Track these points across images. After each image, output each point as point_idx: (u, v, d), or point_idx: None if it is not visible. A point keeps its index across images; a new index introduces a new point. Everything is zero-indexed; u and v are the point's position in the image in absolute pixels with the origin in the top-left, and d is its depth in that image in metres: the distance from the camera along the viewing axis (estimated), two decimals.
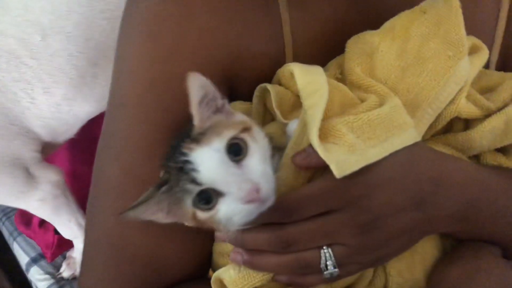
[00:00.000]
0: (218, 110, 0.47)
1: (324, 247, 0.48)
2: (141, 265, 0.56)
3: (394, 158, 0.48)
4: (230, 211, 0.44)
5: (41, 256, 1.07)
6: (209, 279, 0.56)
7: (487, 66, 0.64)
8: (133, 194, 0.55)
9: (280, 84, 0.58)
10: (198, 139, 0.45)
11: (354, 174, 0.46)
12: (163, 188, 0.45)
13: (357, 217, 0.47)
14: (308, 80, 0.52)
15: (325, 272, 0.48)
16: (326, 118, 0.51)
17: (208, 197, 0.44)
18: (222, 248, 0.58)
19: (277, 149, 0.53)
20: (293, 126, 0.52)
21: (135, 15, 0.59)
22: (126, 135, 0.57)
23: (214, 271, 0.57)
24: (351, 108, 0.53)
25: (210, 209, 0.45)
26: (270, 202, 0.45)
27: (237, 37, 0.59)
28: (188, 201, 0.45)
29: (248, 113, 0.59)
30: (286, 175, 0.50)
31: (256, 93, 0.58)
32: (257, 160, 0.45)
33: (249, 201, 0.43)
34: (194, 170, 0.43)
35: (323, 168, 0.49)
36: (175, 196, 0.45)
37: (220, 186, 0.44)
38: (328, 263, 0.48)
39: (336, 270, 0.48)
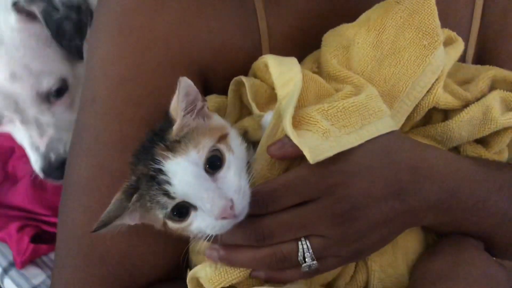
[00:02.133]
0: (197, 113, 0.46)
1: (302, 239, 0.46)
2: (112, 265, 0.55)
3: (371, 146, 0.47)
4: (203, 225, 0.44)
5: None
6: (186, 278, 0.54)
7: (463, 60, 0.65)
8: (104, 191, 0.54)
9: (256, 77, 0.58)
10: (173, 147, 0.43)
11: (330, 162, 0.45)
12: (134, 198, 0.44)
13: (334, 206, 0.46)
14: (282, 71, 0.51)
15: (303, 265, 0.47)
16: (301, 107, 0.50)
17: (181, 210, 0.44)
18: (199, 246, 0.56)
19: (252, 143, 0.52)
20: (268, 118, 0.51)
21: (107, 8, 0.58)
22: (97, 131, 0.56)
23: (191, 270, 0.56)
24: (326, 99, 0.52)
25: (182, 220, 0.44)
26: (243, 216, 0.44)
27: (211, 31, 0.58)
28: (159, 213, 0.44)
29: (223, 107, 0.58)
30: (261, 167, 0.49)
31: (231, 86, 0.57)
32: (233, 173, 0.45)
33: (223, 218, 0.43)
34: (167, 182, 0.42)
35: (299, 160, 0.48)
36: (145, 205, 0.45)
37: (193, 201, 0.43)
38: (306, 255, 0.46)
39: (315, 262, 0.47)
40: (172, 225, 0.45)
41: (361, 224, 0.47)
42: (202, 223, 0.44)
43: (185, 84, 0.44)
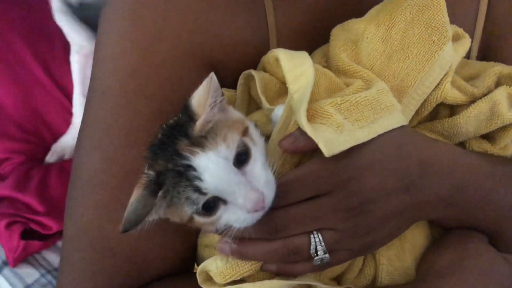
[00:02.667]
0: (219, 108, 0.45)
1: (314, 232, 0.47)
2: (121, 260, 0.54)
3: (382, 141, 0.47)
4: (233, 218, 0.44)
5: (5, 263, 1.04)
6: (195, 273, 0.53)
7: (468, 56, 0.65)
8: (114, 184, 0.54)
9: (265, 71, 0.58)
10: (200, 142, 0.43)
11: (342, 156, 0.45)
12: (160, 194, 0.43)
13: (347, 200, 0.46)
14: (294, 64, 0.51)
15: (315, 258, 0.47)
16: (312, 101, 0.50)
17: (211, 205, 0.43)
18: (208, 240, 0.56)
19: (263, 137, 0.52)
20: (278, 112, 0.51)
21: (117, 0, 0.57)
22: (107, 124, 0.55)
23: (199, 265, 0.55)
24: (337, 93, 0.52)
25: (211, 215, 0.44)
26: (270, 206, 0.44)
27: (220, 24, 0.58)
28: (189, 209, 0.44)
29: (232, 101, 0.58)
30: (273, 161, 0.49)
31: (241, 80, 0.57)
32: (260, 165, 0.45)
33: (255, 211, 0.43)
34: (198, 178, 0.42)
35: (310, 154, 0.48)
36: (172, 201, 0.44)
37: (225, 195, 0.43)
38: (318, 248, 0.47)
39: (327, 256, 0.47)
40: (199, 219, 0.45)
41: (372, 218, 0.47)
42: (232, 216, 0.44)
43: (215, 80, 0.44)
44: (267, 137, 0.51)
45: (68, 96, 1.25)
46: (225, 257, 0.51)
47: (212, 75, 0.44)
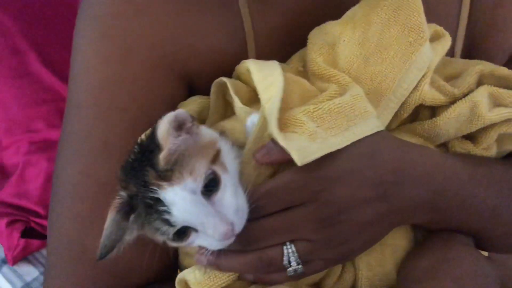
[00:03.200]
0: (186, 133, 0.44)
1: (287, 243, 0.46)
2: (103, 270, 0.55)
3: (354, 149, 0.47)
4: (205, 243, 0.45)
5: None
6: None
7: (452, 55, 0.64)
8: (91, 196, 0.54)
9: (240, 80, 0.57)
10: (166, 176, 0.42)
11: (313, 167, 0.45)
12: (132, 219, 0.44)
13: (319, 211, 0.46)
14: (264, 75, 0.51)
15: (288, 269, 0.47)
16: (286, 110, 0.50)
17: (181, 232, 0.44)
18: (189, 248, 0.56)
19: (236, 145, 0.52)
20: (251, 121, 0.50)
21: (88, 13, 0.57)
22: (82, 137, 0.56)
23: (181, 271, 0.56)
24: (311, 100, 0.51)
25: (183, 241, 0.44)
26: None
27: (194, 34, 0.57)
28: (160, 237, 0.44)
29: (206, 108, 0.58)
30: (248, 173, 0.49)
31: (213, 89, 0.56)
32: (229, 193, 0.45)
33: (225, 239, 0.44)
34: (165, 211, 0.42)
35: (285, 165, 0.48)
36: (144, 227, 0.44)
37: (194, 226, 0.43)
38: (291, 259, 0.47)
39: (300, 266, 0.47)
40: (172, 244, 0.45)
41: (346, 227, 0.47)
42: (204, 242, 0.45)
43: (181, 117, 0.43)
44: (242, 146, 0.51)
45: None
46: (203, 267, 0.51)
47: (178, 111, 0.43)
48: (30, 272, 1.06)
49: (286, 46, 0.60)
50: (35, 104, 1.19)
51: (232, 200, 0.44)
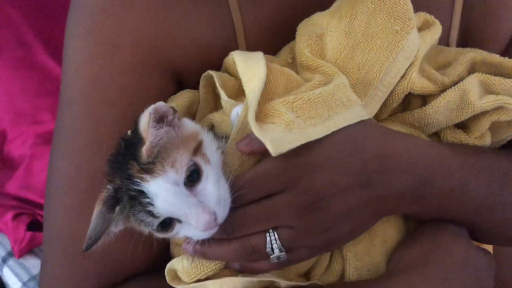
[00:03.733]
0: (167, 125, 0.45)
1: (270, 230, 0.47)
2: (94, 261, 0.56)
3: (336, 137, 0.47)
4: (190, 233, 0.46)
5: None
6: None
7: (446, 43, 0.63)
8: (83, 190, 0.56)
9: (228, 73, 0.57)
10: (149, 169, 0.43)
11: (293, 155, 0.45)
12: (117, 210, 0.45)
13: (299, 198, 0.46)
14: (248, 66, 0.51)
15: (271, 256, 0.47)
16: (269, 101, 0.50)
17: (165, 223, 0.45)
18: (178, 239, 0.56)
19: (223, 136, 0.52)
20: (235, 112, 0.51)
21: (78, 10, 0.58)
22: (73, 131, 0.57)
23: None
24: (294, 90, 0.51)
25: (167, 231, 0.45)
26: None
27: (181, 28, 0.58)
28: (145, 228, 0.45)
29: (196, 101, 0.58)
30: (232, 162, 0.49)
31: (202, 83, 0.57)
32: (211, 184, 0.45)
33: (207, 229, 0.44)
34: (149, 203, 0.43)
35: (268, 155, 0.48)
36: (129, 218, 0.45)
37: (178, 217, 0.44)
38: (274, 246, 0.47)
39: (283, 253, 0.47)
40: (158, 235, 0.46)
41: (327, 214, 0.47)
42: (188, 232, 0.46)
43: (162, 109, 0.44)
44: (228, 137, 0.51)
45: None
46: (190, 256, 0.51)
47: (159, 104, 0.44)
48: (36, 265, 1.08)
49: (276, 39, 0.60)
50: (41, 95, 1.21)
51: (214, 190, 0.45)
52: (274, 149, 0.43)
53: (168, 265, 0.53)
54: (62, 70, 0.59)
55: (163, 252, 0.59)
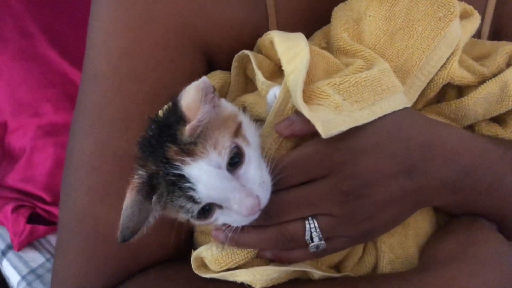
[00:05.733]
0: (209, 103, 0.43)
1: (309, 218, 0.45)
2: (115, 246, 0.53)
3: (381, 123, 0.45)
4: (230, 220, 0.43)
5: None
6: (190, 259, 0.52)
7: (478, 37, 0.62)
8: (107, 170, 0.53)
9: (261, 54, 0.55)
10: (190, 150, 0.40)
11: (337, 139, 0.43)
12: (154, 199, 0.42)
13: (342, 184, 0.44)
14: (288, 46, 0.49)
15: (310, 245, 0.45)
16: (310, 83, 0.48)
17: (204, 210, 0.42)
18: (204, 226, 0.54)
19: (257, 119, 0.50)
20: (272, 93, 0.49)
21: None
22: (99, 108, 0.54)
23: (195, 250, 0.54)
24: (337, 73, 0.50)
25: (207, 218, 0.43)
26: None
27: (215, 5, 0.56)
28: (184, 215, 0.43)
29: (227, 83, 0.56)
30: (268, 146, 0.47)
31: (234, 63, 0.55)
32: (254, 167, 0.43)
33: (251, 214, 0.42)
34: (190, 188, 0.40)
35: (307, 139, 0.46)
36: (166, 205, 0.42)
37: (220, 202, 0.42)
38: (313, 234, 0.45)
39: (323, 242, 0.45)
40: (195, 222, 0.43)
41: (370, 203, 0.45)
42: (229, 219, 0.43)
43: (207, 83, 0.41)
44: (262, 120, 0.49)
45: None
46: (220, 244, 0.49)
47: (204, 79, 0.41)
48: (35, 258, 1.04)
49: (308, 22, 0.59)
50: (42, 87, 1.17)
51: (257, 173, 0.43)
52: (324, 131, 0.41)
53: (195, 253, 0.51)
54: (88, 43, 0.56)
55: (187, 240, 0.56)
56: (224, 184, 0.41)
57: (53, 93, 1.17)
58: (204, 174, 0.40)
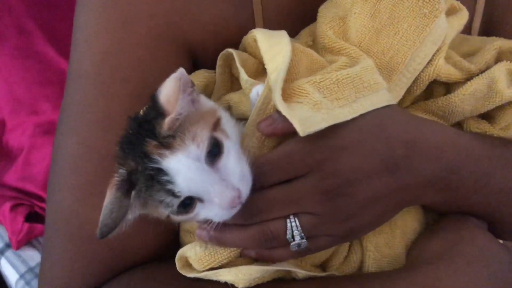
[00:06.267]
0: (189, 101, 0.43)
1: (290, 216, 0.44)
2: (99, 245, 0.53)
3: (363, 120, 0.45)
4: (211, 214, 0.43)
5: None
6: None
7: (469, 32, 0.61)
8: (91, 169, 0.53)
9: (246, 53, 0.55)
10: (169, 144, 0.40)
11: (317, 137, 0.43)
12: (133, 194, 0.42)
13: (323, 182, 0.43)
14: (271, 44, 0.49)
15: (292, 244, 0.45)
16: (292, 81, 0.48)
17: (186, 202, 0.42)
18: (189, 225, 0.54)
19: (242, 118, 0.50)
20: (256, 91, 0.49)
21: None
22: (82, 108, 0.54)
23: None
24: (319, 71, 0.49)
25: (187, 213, 0.42)
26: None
27: (199, 3, 0.55)
28: (164, 210, 0.42)
29: (212, 82, 0.56)
30: (251, 144, 0.47)
31: (219, 62, 0.55)
32: (233, 159, 0.43)
33: (232, 207, 0.42)
34: (169, 182, 0.40)
35: (289, 138, 0.46)
36: (146, 202, 0.42)
37: (200, 195, 0.41)
38: (294, 233, 0.44)
39: (304, 241, 0.45)
40: (176, 218, 0.43)
41: (352, 201, 0.44)
42: (210, 212, 0.43)
43: (185, 75, 0.41)
44: (246, 119, 0.49)
45: None
46: (204, 243, 0.49)
47: (181, 70, 0.41)
48: (34, 256, 1.05)
49: (295, 20, 0.58)
50: (40, 85, 1.18)
51: (237, 166, 0.42)
52: (302, 129, 0.41)
53: (179, 252, 0.51)
54: (72, 43, 0.56)
55: (173, 240, 0.56)
56: (203, 176, 0.41)
57: (51, 91, 1.18)
58: (182, 167, 0.40)
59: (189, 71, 0.57)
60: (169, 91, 0.41)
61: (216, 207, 0.42)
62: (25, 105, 1.17)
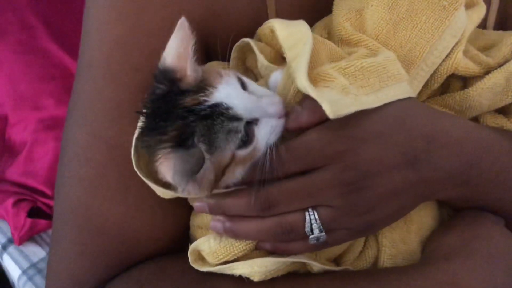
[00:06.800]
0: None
1: (309, 209, 0.44)
2: (109, 238, 0.52)
3: (385, 111, 0.44)
4: (268, 131, 0.44)
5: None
6: (186, 252, 0.51)
7: (484, 28, 0.61)
8: (100, 160, 0.52)
9: None
10: (202, 87, 0.42)
11: (338, 127, 0.42)
12: (195, 140, 0.42)
13: (343, 174, 0.43)
14: (290, 32, 0.48)
15: (310, 237, 0.44)
16: (313, 69, 0.47)
17: (247, 133, 0.43)
18: (201, 221, 0.53)
19: None
20: (275, 77, 0.48)
21: None
22: (93, 97, 0.53)
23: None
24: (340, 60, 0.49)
25: (250, 143, 0.43)
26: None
27: None
28: (233, 141, 0.42)
29: None
30: None
31: (233, 54, 0.54)
32: (257, 86, 0.46)
33: (281, 116, 0.44)
34: (228, 108, 0.42)
35: None
36: (212, 143, 0.42)
37: (256, 113, 0.43)
38: (313, 226, 0.44)
39: (323, 234, 0.44)
40: (241, 154, 0.43)
41: (371, 194, 0.44)
42: (266, 131, 0.43)
43: (184, 26, 0.44)
44: None
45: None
46: (218, 236, 0.48)
47: (183, 18, 0.43)
48: (36, 252, 1.04)
49: (308, 12, 0.57)
50: (43, 80, 1.17)
51: (260, 87, 0.46)
52: (332, 111, 0.40)
53: (192, 246, 0.50)
54: (83, 31, 0.55)
55: (182, 233, 0.55)
56: (249, 96, 0.44)
57: (54, 87, 1.17)
58: (232, 91, 0.43)
59: (203, 62, 0.56)
60: (175, 46, 0.43)
61: (273, 120, 0.43)
62: (28, 100, 1.16)
